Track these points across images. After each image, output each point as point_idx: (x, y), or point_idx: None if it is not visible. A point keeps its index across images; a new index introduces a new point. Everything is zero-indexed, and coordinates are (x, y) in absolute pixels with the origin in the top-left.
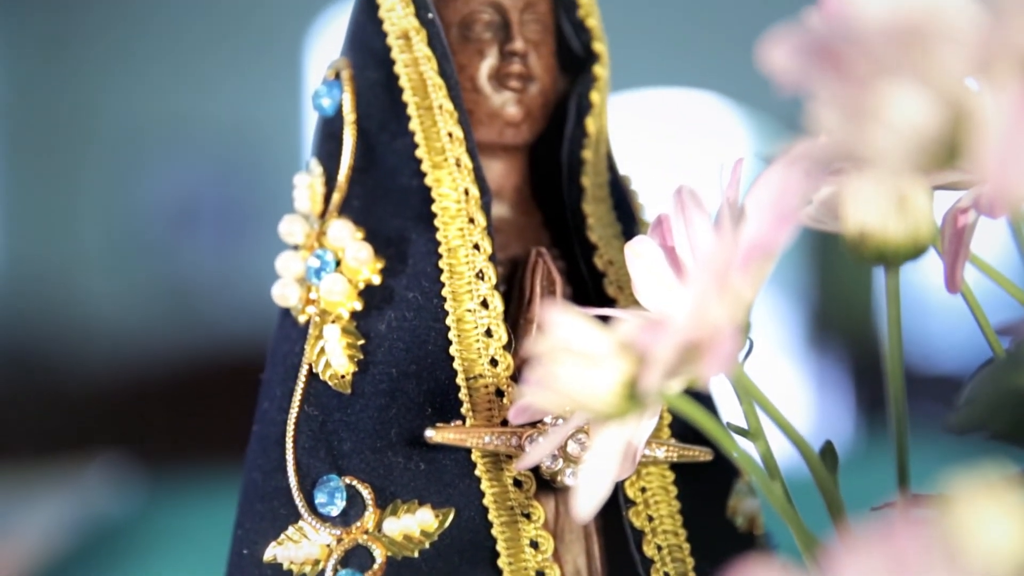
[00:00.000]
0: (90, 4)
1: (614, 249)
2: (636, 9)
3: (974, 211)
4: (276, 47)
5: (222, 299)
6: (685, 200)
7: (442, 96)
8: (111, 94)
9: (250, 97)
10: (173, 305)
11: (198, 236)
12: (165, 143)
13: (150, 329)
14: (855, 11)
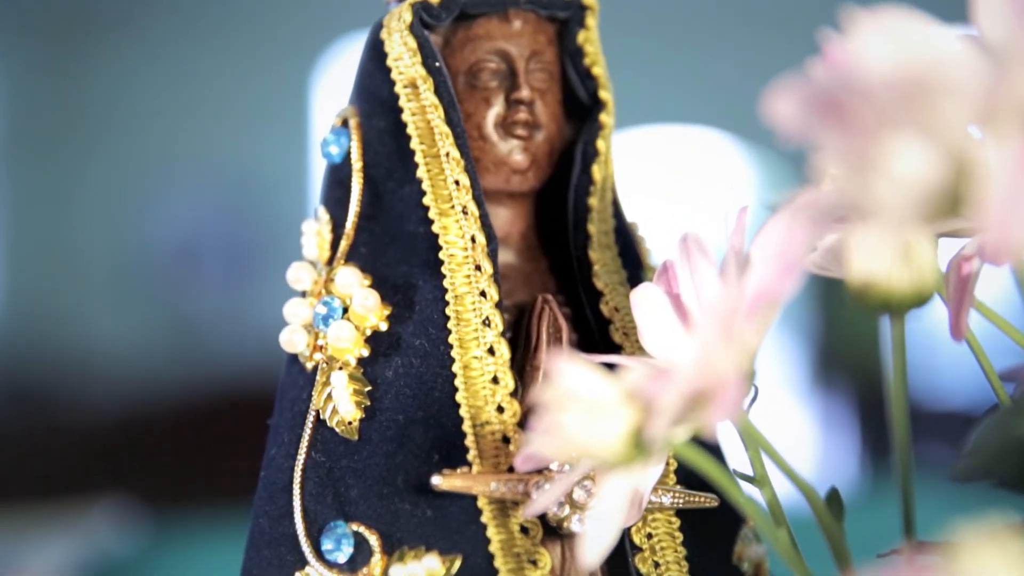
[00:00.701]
0: (96, 39)
1: (620, 296)
2: (642, 46)
3: (978, 259)
4: (282, 84)
5: (226, 336)
6: (690, 248)
7: (449, 144)
8: (115, 130)
9: (255, 133)
10: (177, 342)
11: (202, 273)
12: (169, 180)
13: (153, 366)
14: (859, 63)
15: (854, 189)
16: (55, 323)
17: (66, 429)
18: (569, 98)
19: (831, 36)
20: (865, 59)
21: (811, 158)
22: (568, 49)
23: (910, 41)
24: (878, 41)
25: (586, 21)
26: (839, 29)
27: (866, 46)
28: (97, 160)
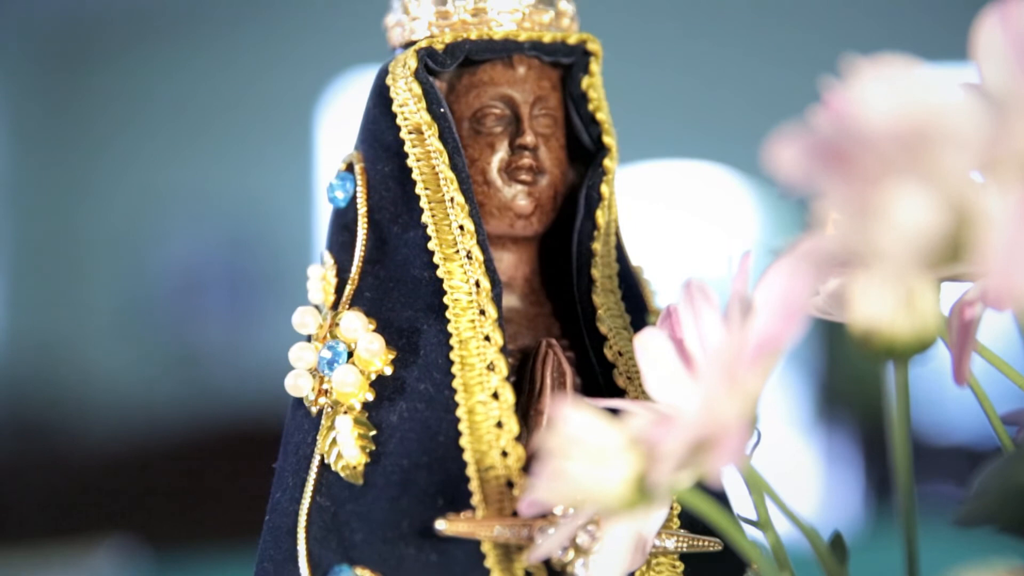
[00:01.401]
0: (99, 72)
1: (624, 340)
2: (646, 80)
3: (980, 304)
4: (286, 118)
5: (228, 370)
6: (694, 293)
7: (453, 189)
8: (119, 164)
9: (259, 167)
10: (180, 376)
11: (205, 307)
12: (173, 213)
13: (155, 400)
14: (860, 111)
15: (856, 236)
16: (57, 357)
17: (67, 464)
18: (573, 142)
19: (832, 84)
20: (866, 108)
21: (814, 205)
22: (572, 94)
23: (911, 90)
24: (879, 90)
25: (590, 67)
26: (840, 76)
27: (867, 94)
28: (100, 193)
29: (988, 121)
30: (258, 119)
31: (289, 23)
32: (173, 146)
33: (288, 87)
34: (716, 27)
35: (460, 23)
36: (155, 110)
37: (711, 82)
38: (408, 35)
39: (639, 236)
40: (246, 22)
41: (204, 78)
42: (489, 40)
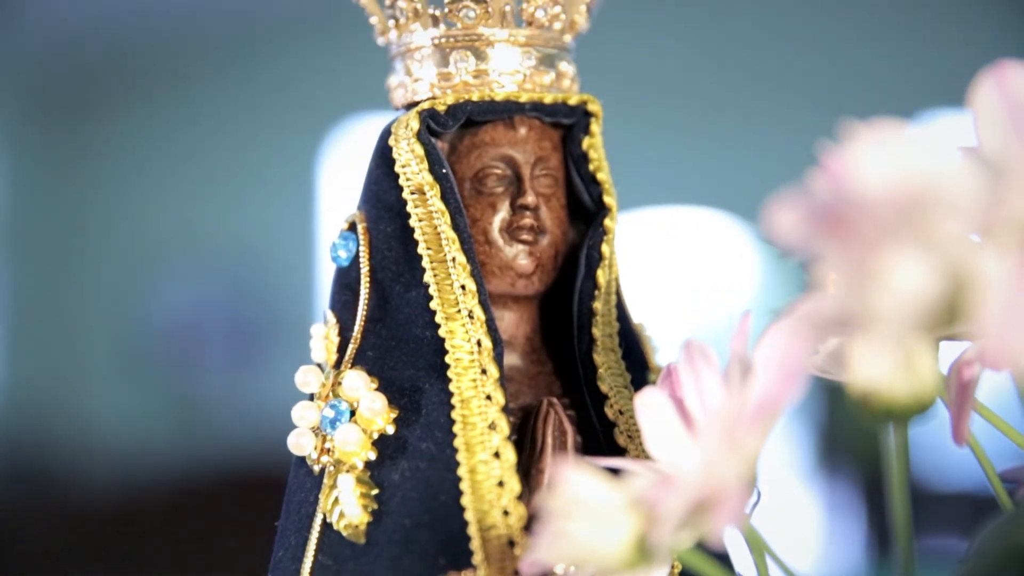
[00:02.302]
0: (98, 119)
1: (624, 398)
2: (647, 126)
3: (979, 364)
4: (287, 164)
5: (228, 418)
6: (694, 353)
7: (455, 249)
8: (119, 209)
9: (260, 213)
10: (179, 424)
11: (205, 354)
12: (173, 259)
13: (154, 447)
14: (857, 177)
15: (854, 300)
16: (56, 402)
17: (66, 510)
18: (573, 201)
19: (830, 148)
20: (863, 173)
21: (812, 267)
22: (573, 154)
23: (907, 155)
24: (876, 155)
25: (591, 127)
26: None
27: (864, 160)
28: (99, 239)
29: (984, 186)
30: (259, 165)
31: (291, 69)
32: (173, 191)
33: (289, 133)
34: (718, 74)
35: (462, 84)
36: (155, 156)
37: (711, 128)
38: (410, 96)
39: (640, 283)
40: (248, 68)
41: (205, 124)
42: (491, 101)
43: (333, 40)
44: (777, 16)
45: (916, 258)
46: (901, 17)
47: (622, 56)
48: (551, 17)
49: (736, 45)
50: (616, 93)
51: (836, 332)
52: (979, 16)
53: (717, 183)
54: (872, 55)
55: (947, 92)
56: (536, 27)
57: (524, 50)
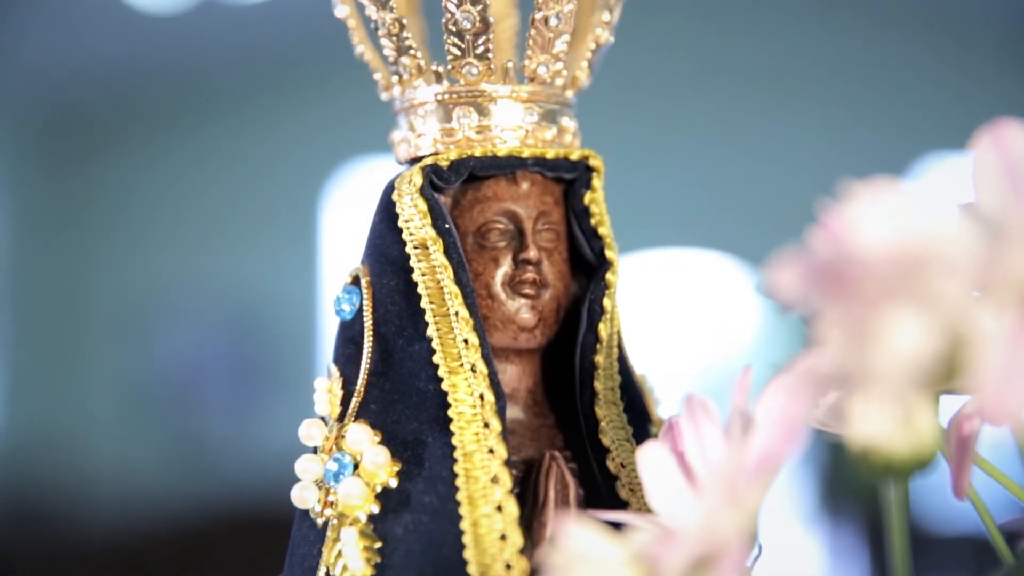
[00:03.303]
0: (102, 160)
1: (626, 452)
2: (649, 169)
3: (978, 418)
4: (290, 206)
5: (231, 460)
6: (695, 408)
7: (458, 303)
8: (120, 251)
9: (262, 255)
10: (182, 465)
11: (208, 395)
12: (176, 301)
13: (157, 489)
14: (856, 235)
15: (853, 358)
16: (58, 444)
17: (70, 552)
18: (575, 254)
19: (829, 206)
20: (862, 231)
21: (812, 324)
22: (574, 209)
23: (905, 214)
24: (874, 213)
25: (592, 182)
26: (836, 197)
27: (863, 218)
28: (101, 281)
29: (982, 245)
30: (261, 208)
31: (293, 111)
32: (175, 233)
33: (291, 175)
34: (720, 117)
35: (465, 140)
36: (156, 199)
37: (715, 172)
38: (414, 151)
39: (644, 324)
40: (249, 111)
41: (206, 167)
42: (493, 157)
43: (335, 83)
44: (780, 58)
45: (915, 317)
46: (905, 59)
47: (627, 96)
48: (553, 73)
49: (740, 87)
50: (620, 134)
51: (836, 388)
52: (981, 59)
53: (720, 225)
54: (876, 97)
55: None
56: (538, 83)
57: (526, 106)
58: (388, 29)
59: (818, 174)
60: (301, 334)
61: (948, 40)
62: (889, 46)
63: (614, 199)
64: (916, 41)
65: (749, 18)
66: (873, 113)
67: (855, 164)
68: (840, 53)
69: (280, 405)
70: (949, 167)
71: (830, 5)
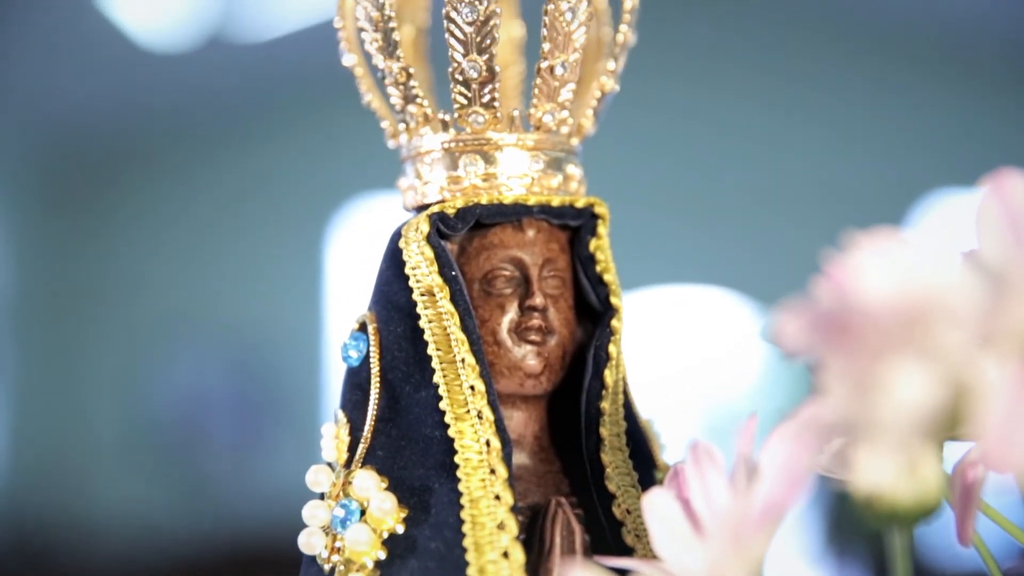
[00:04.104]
0: (104, 201)
1: (632, 498)
2: (655, 207)
3: (982, 465)
4: (294, 245)
5: (235, 494)
6: (700, 455)
7: (464, 350)
8: (124, 287)
9: (267, 290)
10: (185, 500)
11: (212, 431)
12: (179, 337)
13: (160, 527)
14: (860, 286)
15: (857, 408)
16: (61, 482)
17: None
18: (580, 300)
19: (833, 256)
20: (866, 283)
21: (816, 373)
22: (580, 256)
23: (908, 265)
24: (877, 264)
25: (597, 229)
26: (840, 248)
27: (866, 269)
28: (103, 321)
29: (985, 295)
30: (265, 244)
31: (297, 148)
32: (179, 270)
33: (296, 212)
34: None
35: (471, 188)
36: (160, 236)
37: (719, 208)
38: (420, 199)
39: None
40: (253, 146)
41: (210, 203)
42: (499, 204)
43: (340, 120)
44: (785, 96)
45: (918, 367)
46: (911, 95)
47: (632, 135)
48: (558, 121)
49: (743, 123)
50: (625, 174)
51: (840, 436)
52: (987, 96)
53: (723, 262)
54: (881, 133)
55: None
56: (544, 131)
57: (532, 154)
58: (395, 78)
59: (821, 210)
60: (305, 371)
61: (954, 77)
62: (895, 82)
63: (618, 235)
64: (922, 78)
65: (753, 54)
66: (877, 149)
67: (859, 201)
68: (844, 90)
69: (284, 442)
70: (953, 205)
71: (834, 42)
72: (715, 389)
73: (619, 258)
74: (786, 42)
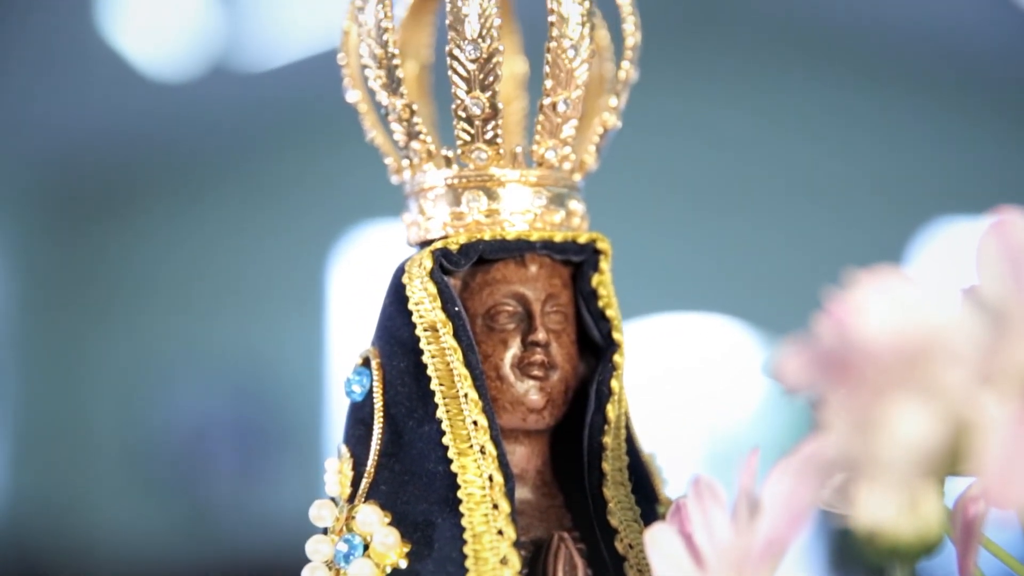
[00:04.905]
0: (110, 223)
1: (634, 532)
2: (657, 234)
3: (983, 501)
4: (297, 271)
5: (237, 523)
6: (702, 490)
7: (467, 386)
8: (125, 317)
9: (268, 320)
10: (187, 529)
11: (213, 460)
12: (180, 365)
13: (162, 553)
14: (861, 324)
15: (858, 445)
16: (63, 511)
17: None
18: (583, 335)
19: (834, 294)
20: (866, 321)
21: (818, 409)
22: (582, 291)
23: (909, 304)
24: (878, 303)
25: (600, 265)
26: (841, 285)
27: (867, 308)
28: (106, 347)
29: (985, 334)
30: (267, 271)
31: (301, 174)
32: (181, 300)
33: (298, 239)
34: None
35: (474, 224)
36: (161, 264)
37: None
38: (424, 234)
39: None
40: (255, 175)
41: (213, 231)
42: (502, 240)
43: (342, 148)
44: (788, 123)
45: (919, 405)
46: (914, 124)
47: (637, 164)
48: (561, 158)
49: (746, 150)
50: (629, 199)
51: (841, 472)
52: (991, 124)
53: (726, 289)
54: (884, 162)
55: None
56: (546, 167)
57: (535, 190)
58: (399, 114)
59: (823, 237)
60: (307, 398)
61: (960, 104)
62: (899, 109)
63: (621, 262)
64: (927, 105)
65: (757, 80)
66: (881, 176)
67: (862, 228)
68: (849, 117)
69: (285, 469)
70: (957, 232)
71: (839, 69)
72: (718, 415)
73: (621, 285)
74: (790, 69)
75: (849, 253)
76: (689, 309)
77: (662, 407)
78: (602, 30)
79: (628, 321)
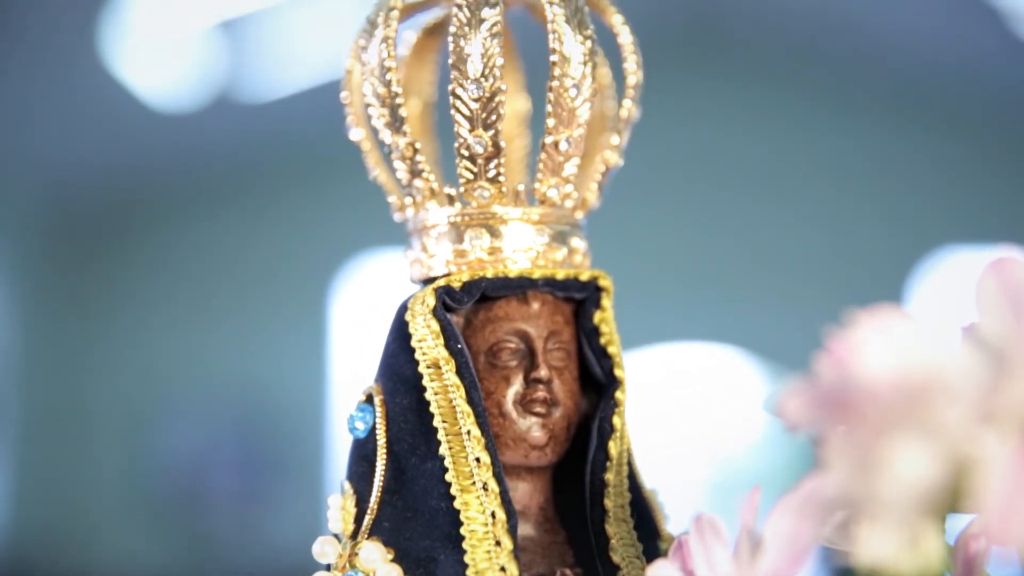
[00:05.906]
0: (112, 254)
1: (636, 569)
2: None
3: (984, 538)
4: (298, 297)
5: (239, 551)
6: (704, 527)
7: (470, 423)
8: (128, 343)
9: (270, 347)
10: (189, 558)
11: (215, 488)
12: (182, 393)
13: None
14: (861, 363)
15: (859, 484)
16: (63, 539)
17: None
18: (585, 371)
19: (834, 332)
20: (867, 360)
21: (819, 447)
22: (584, 328)
23: (910, 343)
24: (879, 342)
25: (602, 302)
26: (841, 324)
27: (868, 347)
28: (108, 373)
29: (985, 373)
30: (268, 301)
31: (303, 204)
32: (182, 328)
33: (301, 267)
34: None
35: (477, 261)
36: (162, 293)
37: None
38: (426, 272)
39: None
40: (257, 204)
41: (215, 259)
42: (505, 278)
43: (344, 179)
44: (791, 155)
45: (919, 444)
46: (916, 156)
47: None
48: (563, 196)
49: (749, 178)
50: (633, 226)
51: (842, 510)
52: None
53: (729, 319)
54: (886, 190)
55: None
56: (549, 206)
57: (537, 228)
58: (402, 152)
59: (826, 267)
60: (309, 428)
61: (961, 136)
62: (901, 141)
63: (624, 293)
64: (929, 137)
65: (760, 113)
66: (884, 207)
67: (864, 259)
68: (851, 149)
69: (286, 501)
70: (960, 263)
71: (841, 102)
72: (721, 444)
73: (624, 314)
74: (794, 99)
75: (854, 283)
76: (692, 339)
77: (665, 437)
78: (604, 68)
79: (630, 351)
